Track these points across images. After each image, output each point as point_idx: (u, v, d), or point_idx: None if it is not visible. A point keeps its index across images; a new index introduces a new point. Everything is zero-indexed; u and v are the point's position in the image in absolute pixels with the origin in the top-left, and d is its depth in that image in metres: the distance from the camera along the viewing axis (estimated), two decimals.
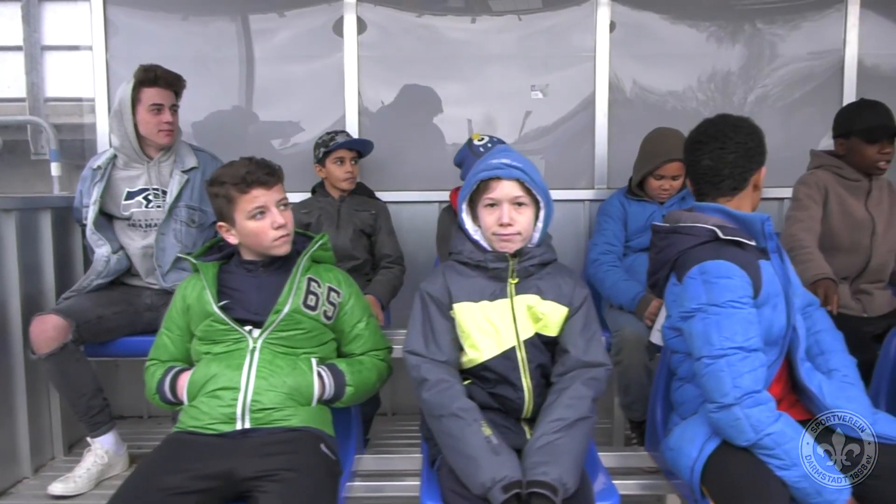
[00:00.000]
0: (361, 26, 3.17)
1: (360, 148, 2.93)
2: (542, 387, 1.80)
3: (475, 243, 1.84)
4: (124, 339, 2.58)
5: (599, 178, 3.24)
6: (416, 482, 1.82)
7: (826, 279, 2.33)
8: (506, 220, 1.75)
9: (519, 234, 1.78)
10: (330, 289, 1.92)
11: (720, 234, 1.73)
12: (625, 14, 3.20)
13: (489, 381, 1.78)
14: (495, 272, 1.80)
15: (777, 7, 3.24)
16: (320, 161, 2.89)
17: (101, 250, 2.59)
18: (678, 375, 1.92)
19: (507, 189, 1.75)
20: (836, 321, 2.53)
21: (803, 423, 1.75)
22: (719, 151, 1.79)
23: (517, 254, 1.80)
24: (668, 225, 1.87)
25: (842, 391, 1.76)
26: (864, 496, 1.65)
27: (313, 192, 2.98)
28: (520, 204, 1.77)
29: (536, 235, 1.83)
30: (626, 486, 2.01)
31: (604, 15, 3.17)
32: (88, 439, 2.50)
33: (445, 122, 3.23)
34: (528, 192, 1.77)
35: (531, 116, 3.26)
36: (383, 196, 3.10)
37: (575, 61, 3.22)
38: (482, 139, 2.76)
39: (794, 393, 1.82)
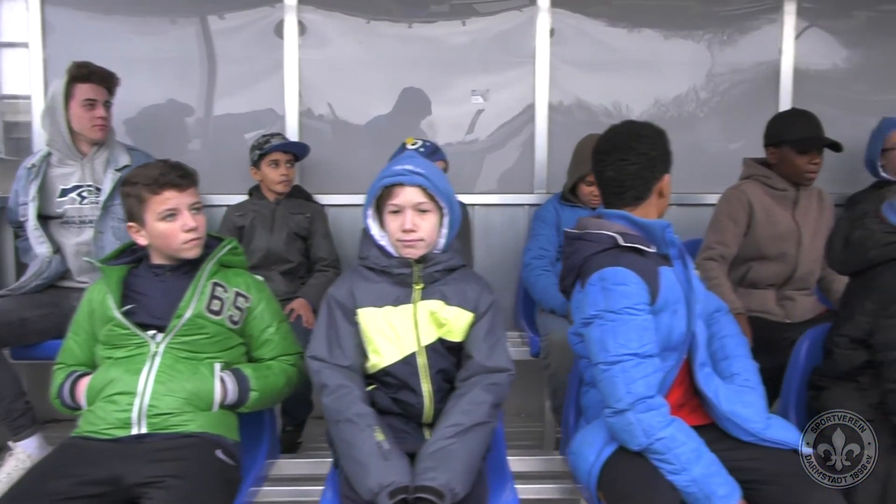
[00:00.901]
0: (302, 29, 3.16)
1: (295, 151, 2.93)
2: (444, 392, 1.80)
3: (381, 249, 1.84)
4: (52, 341, 2.55)
5: (539, 183, 3.26)
6: (320, 487, 1.83)
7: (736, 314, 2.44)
8: (408, 226, 1.76)
9: (422, 240, 1.79)
10: (237, 294, 1.91)
11: (620, 242, 1.75)
12: (565, 20, 3.22)
13: (391, 386, 1.79)
14: (400, 278, 1.81)
15: (716, 15, 3.28)
16: (255, 164, 2.89)
17: (41, 248, 2.58)
18: (584, 380, 1.94)
19: (409, 195, 1.76)
20: (760, 326, 2.60)
21: (704, 427, 1.79)
22: (621, 163, 1.80)
23: (422, 259, 1.81)
24: (575, 231, 1.89)
25: (738, 396, 1.78)
26: (755, 502, 1.68)
27: (250, 194, 2.97)
28: (423, 210, 1.78)
29: (442, 241, 1.84)
30: (538, 490, 2.03)
31: (544, 21, 3.19)
32: (10, 443, 2.47)
33: (386, 126, 3.23)
34: (432, 198, 1.78)
35: (472, 121, 3.27)
36: (323, 199, 3.10)
37: (516, 67, 3.24)
38: (415, 143, 2.77)
39: (696, 398, 1.84)
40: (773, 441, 1.72)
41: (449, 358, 1.82)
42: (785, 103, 3.26)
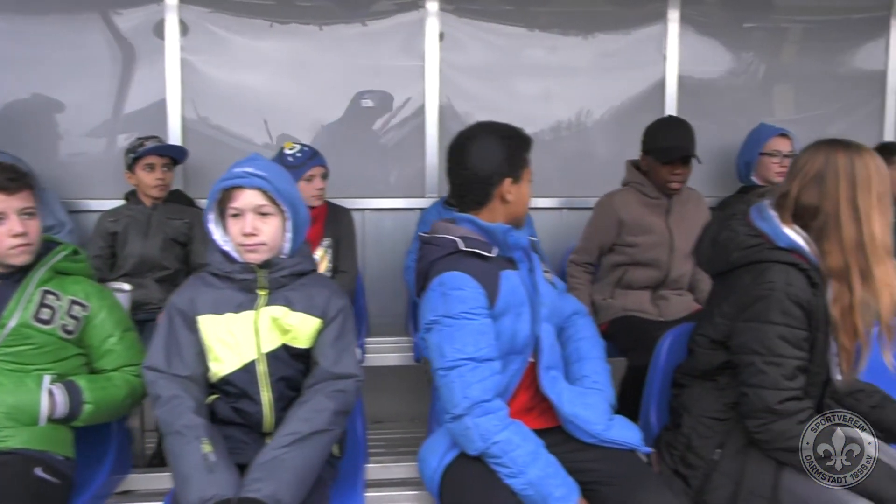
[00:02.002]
0: (184, 29, 3.08)
1: (172, 154, 2.84)
2: (288, 400, 1.75)
3: (225, 254, 1.79)
4: None
5: (430, 188, 3.25)
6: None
7: None
8: (248, 229, 1.72)
9: (264, 244, 1.74)
10: (73, 302, 1.83)
11: (461, 246, 1.75)
12: (455, 25, 3.22)
13: (231, 396, 1.74)
14: (244, 283, 1.76)
15: (602, 19, 3.33)
16: (130, 167, 2.79)
17: None
18: (435, 385, 1.92)
19: (249, 198, 1.72)
20: (635, 325, 2.65)
21: (551, 430, 1.79)
22: (457, 168, 1.81)
23: (267, 265, 1.77)
24: (425, 235, 1.87)
25: (581, 398, 1.79)
26: (594, 502, 1.68)
27: (126, 199, 2.87)
28: (264, 213, 1.73)
29: (287, 245, 1.80)
30: (392, 497, 2.00)
31: (433, 25, 3.18)
32: None
33: (274, 129, 3.17)
34: (274, 201, 1.74)
35: (362, 125, 3.24)
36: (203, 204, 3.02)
37: (406, 71, 3.22)
38: (293, 148, 2.72)
39: (545, 401, 1.84)
40: (613, 442, 1.74)
41: (294, 365, 1.77)
42: (670, 109, 3.34)
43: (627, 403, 2.29)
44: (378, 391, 3.27)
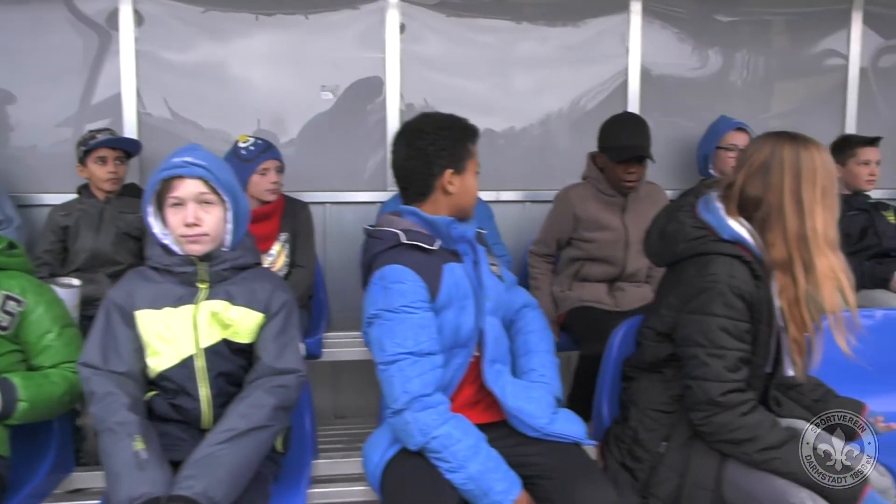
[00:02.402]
0: (139, 19, 3.02)
1: (125, 147, 2.79)
2: (228, 396, 1.72)
3: (165, 247, 1.76)
4: None
5: (392, 181, 3.18)
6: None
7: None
8: (191, 219, 1.68)
9: (206, 234, 1.71)
10: (7, 297, 1.79)
11: (402, 239, 1.72)
12: (416, 16, 3.19)
13: (169, 392, 1.71)
14: (184, 276, 1.73)
15: (565, 11, 3.30)
16: (81, 160, 2.74)
17: None
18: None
19: (190, 187, 1.69)
20: (591, 315, 2.65)
21: (496, 424, 1.77)
22: (399, 159, 1.80)
23: (208, 257, 1.73)
24: (370, 228, 1.85)
25: (525, 392, 1.77)
26: (537, 497, 1.67)
27: (79, 193, 2.82)
28: (206, 202, 1.70)
29: (228, 238, 1.77)
30: (341, 493, 1.99)
31: (393, 16, 3.15)
32: None
33: (232, 122, 3.12)
34: (215, 191, 1.71)
35: (322, 117, 3.20)
36: None
37: (366, 62, 3.19)
38: (247, 141, 2.69)
39: (490, 394, 1.82)
40: (557, 435, 1.73)
41: (235, 360, 1.74)
42: (633, 101, 3.33)
43: (583, 395, 2.29)
44: (341, 386, 3.27)
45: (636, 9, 3.29)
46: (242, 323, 1.74)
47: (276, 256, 2.78)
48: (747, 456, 1.62)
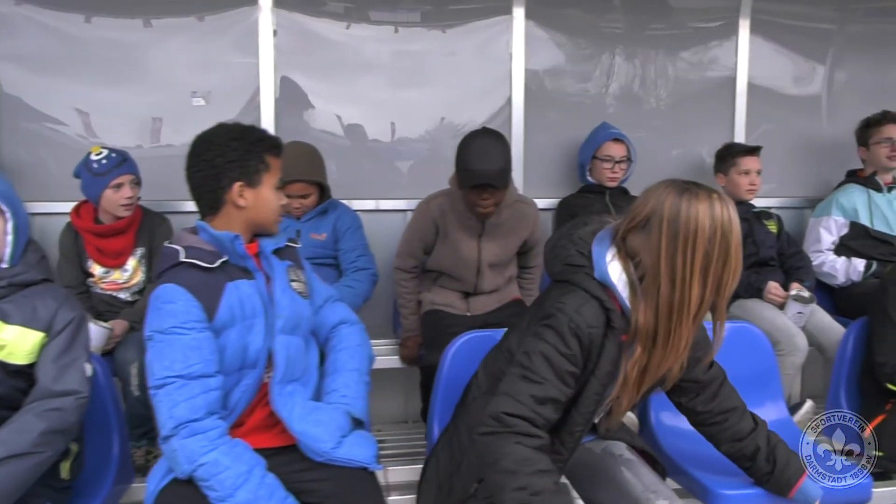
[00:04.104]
0: None
1: None
2: (2, 421, 1.65)
3: None
4: None
5: None
6: None
7: (407, 337, 2.69)
8: None
9: None
10: None
11: (181, 257, 1.66)
12: (289, 20, 3.11)
13: None
14: None
15: (448, 15, 3.24)
16: None
17: None
18: None
19: None
20: (442, 319, 2.64)
21: (292, 448, 1.71)
22: (189, 170, 1.73)
23: None
24: (165, 245, 1.78)
25: (312, 414, 1.71)
26: None
27: None
28: None
29: (7, 251, 1.69)
30: None
31: (266, 20, 3.07)
32: None
33: (95, 130, 3.03)
34: None
35: (195, 124, 3.06)
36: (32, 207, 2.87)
37: (239, 68, 3.10)
38: (100, 153, 2.59)
39: None
40: (342, 460, 1.67)
41: (9, 382, 1.67)
42: (517, 107, 3.27)
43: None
44: None
45: (519, 14, 3.24)
46: (18, 343, 1.66)
47: (132, 272, 2.70)
48: (500, 488, 1.47)
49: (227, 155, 1.70)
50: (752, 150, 3.14)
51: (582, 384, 1.57)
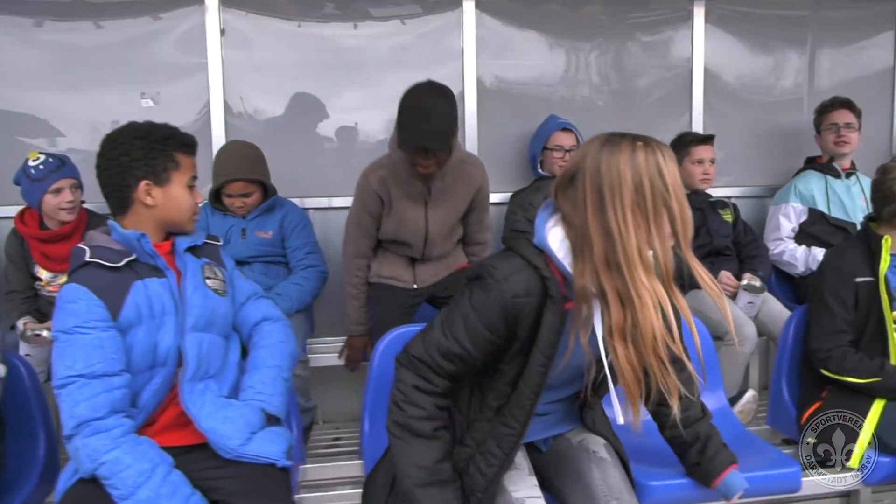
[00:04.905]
0: None
1: None
2: None
3: None
4: None
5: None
6: None
7: (352, 337, 2.73)
8: None
9: None
10: None
11: (86, 256, 1.66)
12: (236, 19, 3.11)
13: None
14: None
15: (398, 9, 3.22)
16: None
17: None
18: None
19: None
20: (390, 293, 2.67)
21: (202, 446, 1.70)
22: (97, 170, 1.73)
23: None
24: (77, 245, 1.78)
25: (221, 411, 1.70)
26: None
27: None
28: None
29: None
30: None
31: (213, 20, 3.07)
32: None
33: (52, 133, 3.04)
34: None
35: None
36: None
37: (188, 68, 3.11)
38: (37, 159, 2.59)
39: None
40: (250, 456, 1.66)
41: None
42: (470, 101, 3.26)
43: None
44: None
45: (469, 8, 3.23)
46: None
47: None
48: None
49: (131, 154, 1.70)
50: (705, 139, 3.12)
51: (524, 356, 1.52)
